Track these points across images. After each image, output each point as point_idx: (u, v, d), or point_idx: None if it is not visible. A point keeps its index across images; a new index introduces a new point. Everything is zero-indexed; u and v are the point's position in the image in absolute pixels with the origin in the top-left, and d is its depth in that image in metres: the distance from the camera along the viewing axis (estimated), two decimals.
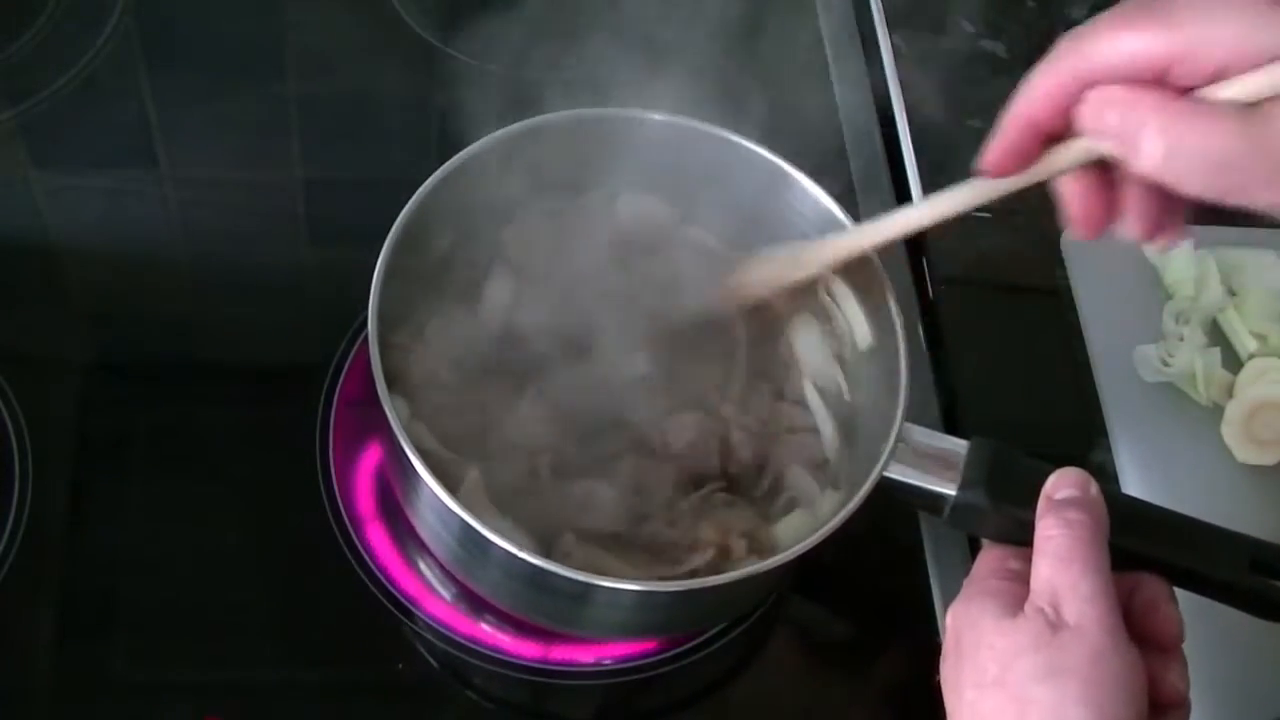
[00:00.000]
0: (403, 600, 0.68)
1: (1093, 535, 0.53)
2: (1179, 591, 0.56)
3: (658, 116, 0.70)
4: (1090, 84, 0.48)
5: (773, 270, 0.68)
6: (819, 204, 0.69)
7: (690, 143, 0.70)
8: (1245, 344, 0.78)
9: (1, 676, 0.64)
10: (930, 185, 0.85)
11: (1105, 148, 0.49)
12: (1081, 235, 0.53)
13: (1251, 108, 0.45)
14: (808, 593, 0.72)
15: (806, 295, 0.71)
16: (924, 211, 0.60)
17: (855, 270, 0.68)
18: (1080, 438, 0.77)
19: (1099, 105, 0.48)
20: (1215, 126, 0.45)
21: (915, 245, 0.82)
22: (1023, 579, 0.54)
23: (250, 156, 0.84)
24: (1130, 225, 0.52)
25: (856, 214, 0.69)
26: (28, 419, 0.70)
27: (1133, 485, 0.74)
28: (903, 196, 0.86)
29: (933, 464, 0.61)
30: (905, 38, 0.92)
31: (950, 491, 0.60)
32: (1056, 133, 0.51)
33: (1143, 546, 0.56)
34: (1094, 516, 0.54)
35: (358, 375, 0.74)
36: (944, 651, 0.55)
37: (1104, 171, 0.51)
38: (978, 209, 0.68)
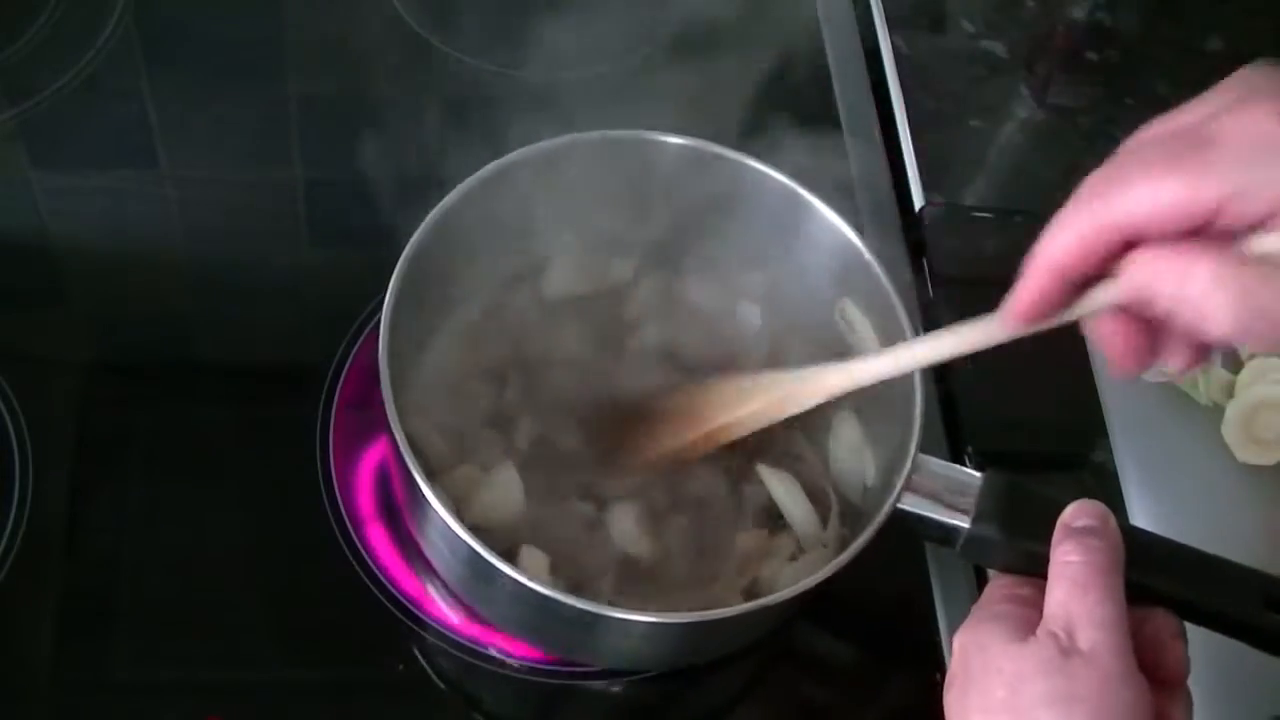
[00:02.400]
0: (403, 600, 0.68)
1: (1110, 564, 0.52)
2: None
3: (675, 140, 0.69)
4: (1124, 233, 0.46)
5: (767, 402, 0.64)
6: (837, 231, 0.68)
7: (705, 166, 0.69)
8: None
9: (1, 676, 0.64)
10: (931, 185, 0.85)
11: (1159, 305, 0.46)
12: (1121, 374, 0.51)
13: None
14: (813, 618, 0.72)
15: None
16: (943, 344, 0.57)
17: (872, 298, 0.67)
18: (1080, 438, 0.77)
19: (1151, 272, 0.45)
20: None
21: (915, 245, 0.82)
22: (1032, 605, 0.54)
23: (250, 156, 0.84)
24: (1173, 364, 0.50)
25: (858, 213, 0.68)
26: (28, 419, 0.70)
27: (1133, 485, 0.74)
28: (904, 197, 0.85)
29: (946, 496, 0.60)
30: (905, 38, 0.92)
31: (963, 524, 0.59)
32: (1087, 279, 0.48)
33: (1155, 581, 0.55)
34: (1112, 546, 0.53)
35: (358, 376, 0.74)
36: (949, 676, 0.54)
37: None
38: (979, 211, 0.68)
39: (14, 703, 0.64)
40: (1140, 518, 0.73)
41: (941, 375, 0.78)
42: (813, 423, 0.69)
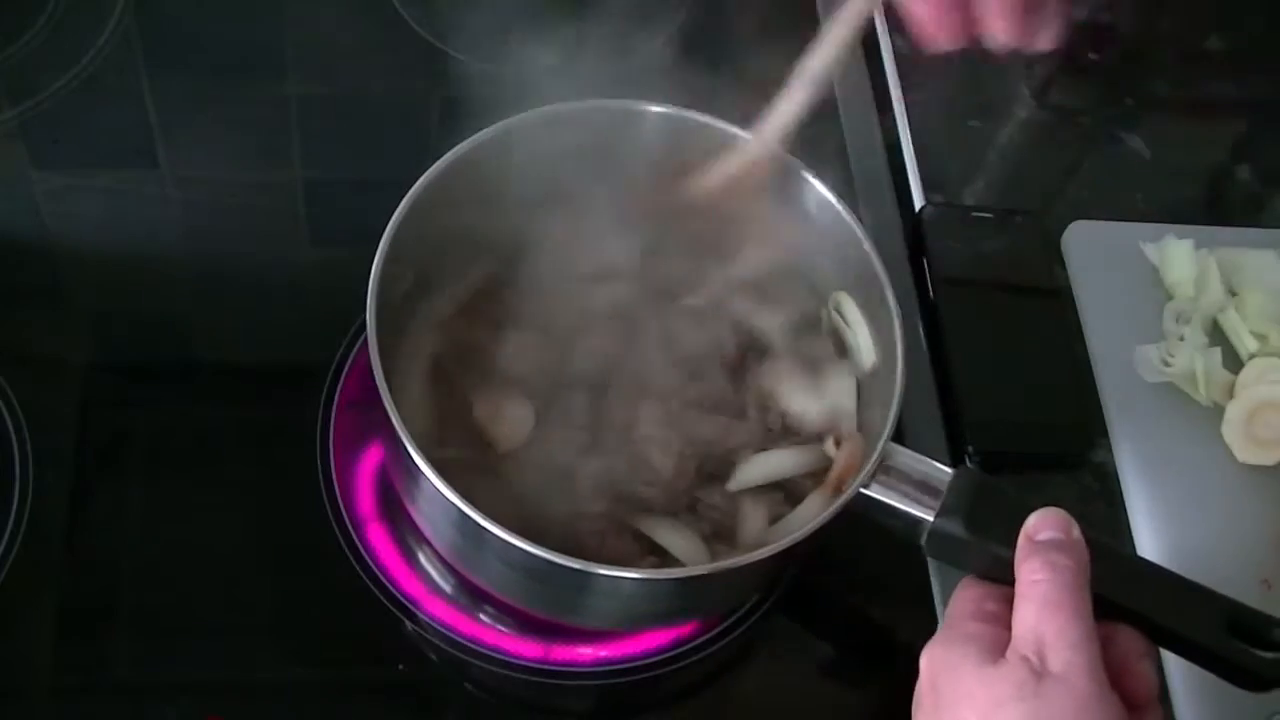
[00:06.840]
0: (403, 600, 0.68)
1: (1077, 580, 0.51)
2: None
3: (657, 109, 0.69)
4: None
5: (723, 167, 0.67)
6: (822, 197, 0.68)
7: (690, 135, 0.70)
8: (1246, 344, 0.78)
9: (1, 676, 0.64)
10: (931, 186, 0.85)
11: None
12: (935, 44, 0.50)
13: None
14: (806, 613, 0.72)
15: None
16: (824, 47, 0.59)
17: (866, 291, 0.67)
18: (1080, 438, 0.77)
19: None
20: None
21: (915, 246, 0.82)
22: (1001, 621, 0.53)
23: (250, 156, 0.84)
24: (995, 27, 0.48)
25: (856, 213, 0.69)
26: (28, 419, 0.70)
27: (1133, 485, 0.75)
28: (903, 197, 0.86)
29: (914, 487, 0.60)
30: (905, 38, 0.92)
31: (928, 517, 0.59)
32: None
33: (1116, 595, 0.54)
34: (1078, 561, 0.52)
35: (358, 375, 0.74)
36: (917, 694, 0.53)
37: None
38: (978, 211, 0.68)
39: (14, 703, 0.64)
40: (1140, 518, 0.74)
41: (942, 375, 0.78)
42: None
